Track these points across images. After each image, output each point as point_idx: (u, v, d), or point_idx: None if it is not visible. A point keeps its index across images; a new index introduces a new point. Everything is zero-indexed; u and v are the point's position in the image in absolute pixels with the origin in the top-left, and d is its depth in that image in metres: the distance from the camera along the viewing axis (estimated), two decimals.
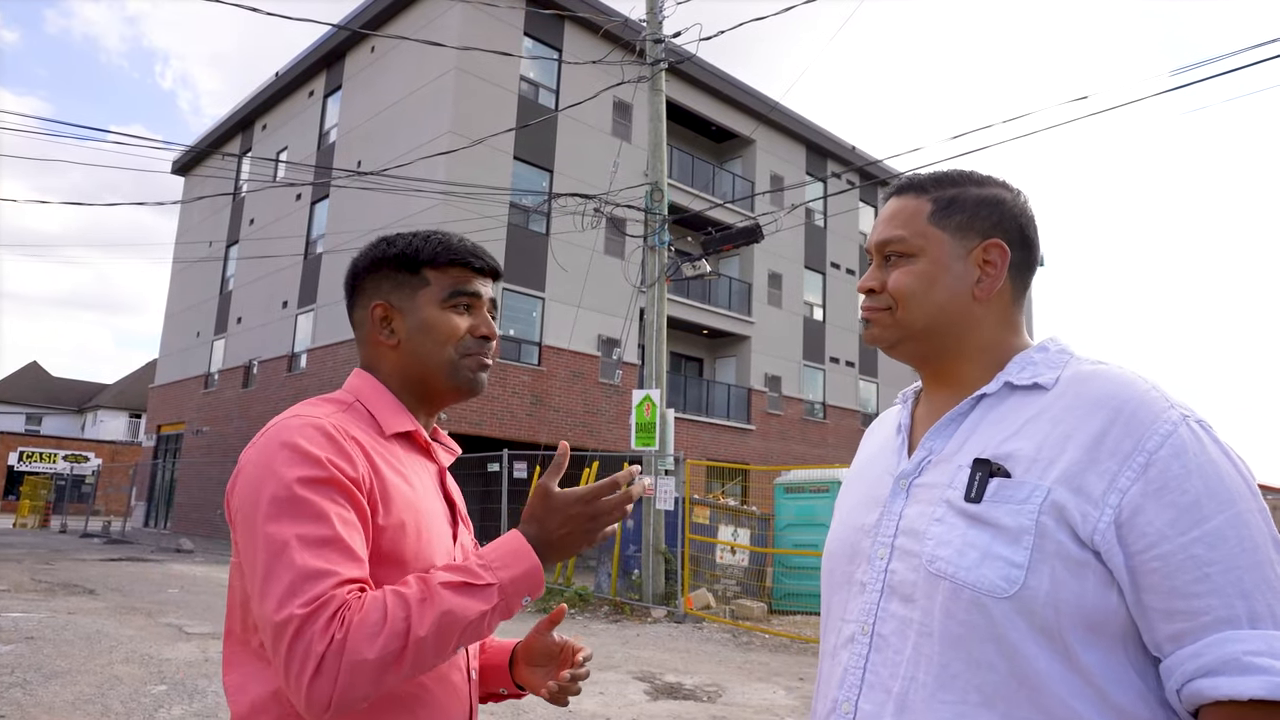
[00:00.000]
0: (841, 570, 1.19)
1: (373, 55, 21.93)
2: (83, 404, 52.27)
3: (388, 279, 1.34)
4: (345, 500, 1.13)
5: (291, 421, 1.18)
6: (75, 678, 6.09)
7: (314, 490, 1.11)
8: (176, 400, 28.68)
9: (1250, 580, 0.92)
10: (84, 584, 11.91)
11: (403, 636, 1.04)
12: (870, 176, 27.47)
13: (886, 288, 1.17)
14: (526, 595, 1.15)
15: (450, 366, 1.32)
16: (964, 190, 1.19)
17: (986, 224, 1.16)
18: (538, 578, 1.15)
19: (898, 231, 1.18)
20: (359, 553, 1.11)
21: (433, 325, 1.32)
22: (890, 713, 1.04)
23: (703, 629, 10.11)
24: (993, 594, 0.98)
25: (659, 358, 12.10)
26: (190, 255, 29.42)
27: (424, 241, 1.34)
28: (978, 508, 1.03)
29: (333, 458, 1.14)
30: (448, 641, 1.08)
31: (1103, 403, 1.01)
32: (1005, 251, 1.16)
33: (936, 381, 1.20)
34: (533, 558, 1.15)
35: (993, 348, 1.15)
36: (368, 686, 1.03)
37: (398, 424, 1.30)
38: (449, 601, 1.08)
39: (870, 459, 1.28)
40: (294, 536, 1.08)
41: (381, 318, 1.33)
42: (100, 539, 22.68)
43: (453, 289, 1.33)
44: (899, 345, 1.19)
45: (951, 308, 1.15)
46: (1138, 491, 0.95)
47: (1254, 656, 0.89)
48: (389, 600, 1.07)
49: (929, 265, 1.15)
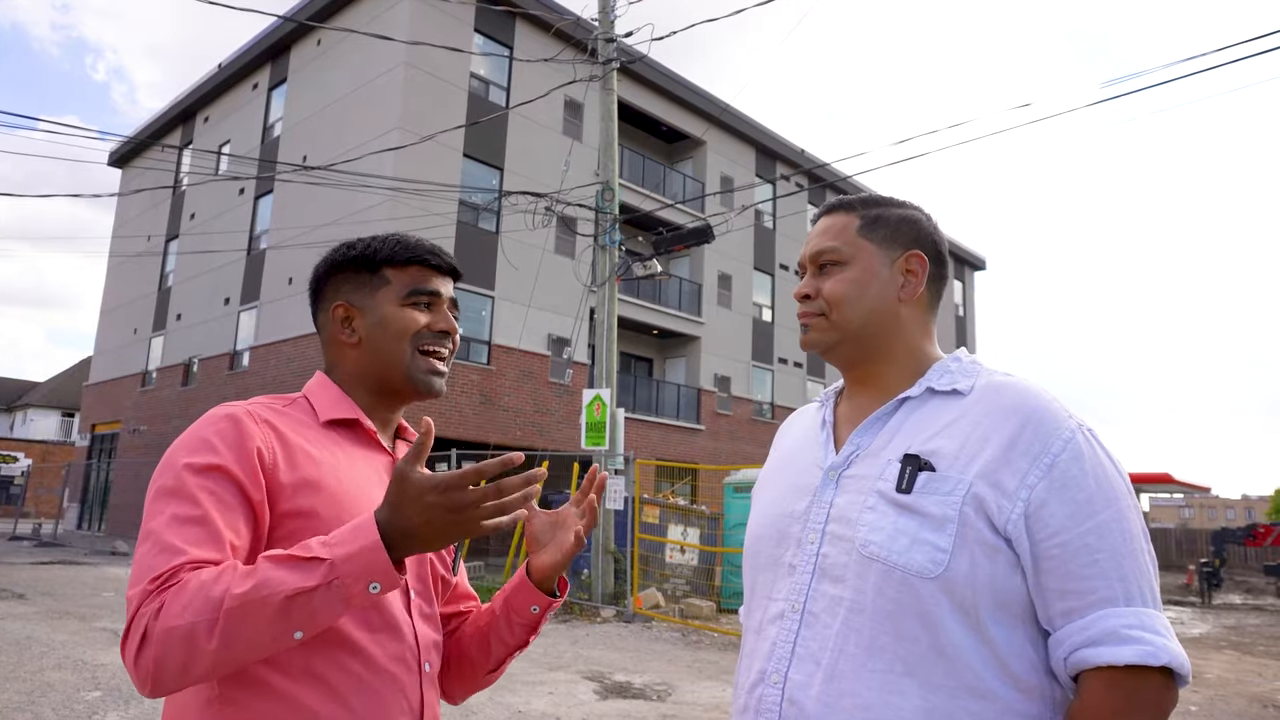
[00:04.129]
0: (768, 553, 1.29)
1: (319, 48, 21.53)
2: (11, 402, 50.49)
3: (348, 280, 1.37)
4: (229, 484, 1.13)
5: (210, 411, 1.22)
6: (3, 685, 5.88)
7: (196, 474, 1.12)
8: (112, 399, 27.85)
9: (1128, 566, 1.08)
10: (12, 588, 11.51)
11: (215, 606, 0.99)
12: (818, 179, 27.78)
13: (822, 293, 1.30)
14: (373, 581, 1.04)
15: (405, 365, 1.34)
16: (887, 209, 1.34)
17: (907, 238, 1.32)
18: (379, 559, 1.04)
19: (831, 243, 1.32)
20: (227, 535, 1.10)
21: (390, 321, 1.34)
22: (819, 681, 1.14)
23: (652, 628, 10.13)
24: (921, 575, 1.10)
25: (609, 357, 12.09)
26: (128, 250, 28.56)
27: (382, 242, 1.38)
28: (908, 498, 1.15)
29: (225, 443, 1.15)
30: (262, 616, 1.00)
31: (1016, 409, 1.16)
32: (924, 261, 1.31)
33: (862, 384, 1.32)
34: (373, 535, 1.04)
35: (913, 353, 1.29)
36: (181, 656, 0.99)
37: (334, 411, 1.31)
38: (265, 573, 1.02)
39: (792, 452, 1.39)
40: (164, 519, 1.09)
41: (343, 317, 1.36)
42: (30, 542, 21.93)
43: (412, 287, 1.36)
44: (835, 348, 1.31)
45: (880, 310, 1.28)
46: (1044, 488, 1.10)
47: (1129, 629, 1.05)
48: (209, 573, 1.03)
49: (860, 272, 1.29)
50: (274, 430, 1.21)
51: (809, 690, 1.14)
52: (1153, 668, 1.05)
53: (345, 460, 1.27)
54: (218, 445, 1.15)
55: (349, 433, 1.33)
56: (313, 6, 20.76)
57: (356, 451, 1.31)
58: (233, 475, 1.13)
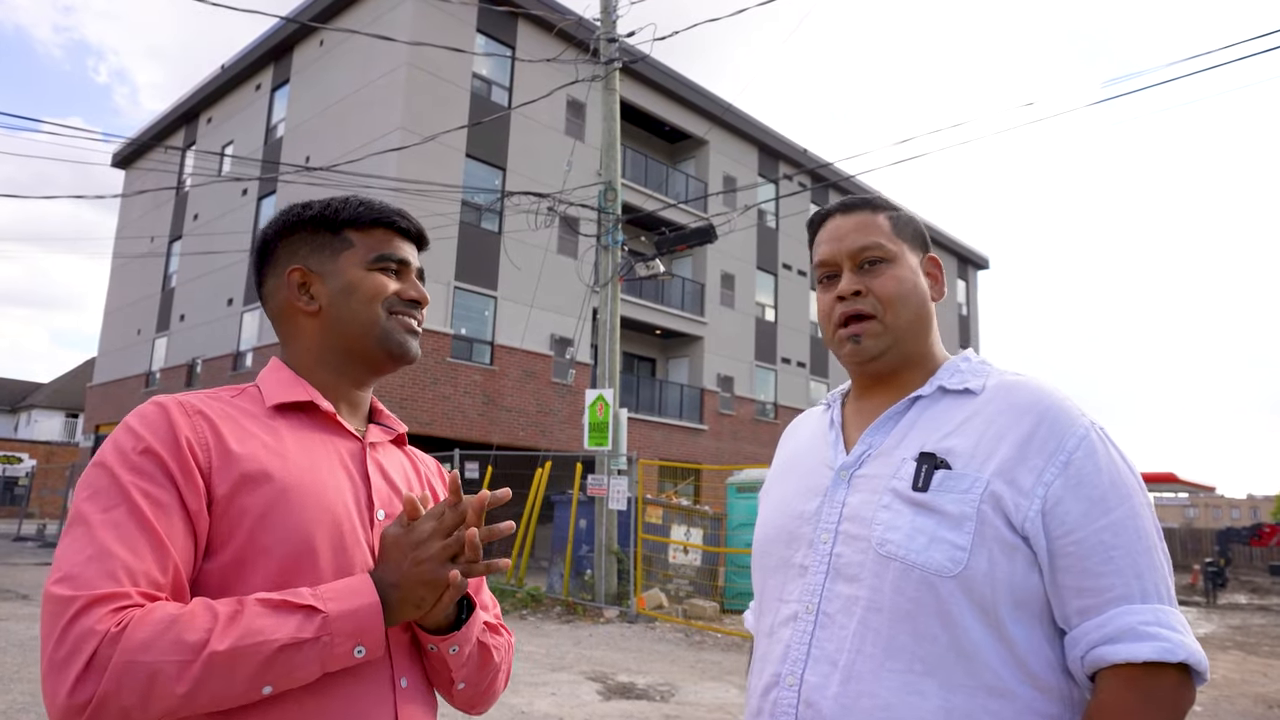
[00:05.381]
0: (778, 555, 1.27)
1: (322, 49, 21.55)
2: (16, 403, 50.57)
3: (305, 242, 1.25)
4: (163, 477, 1.02)
5: (140, 405, 1.12)
6: (8, 686, 5.89)
7: (125, 467, 1.03)
8: (116, 399, 27.89)
9: (1144, 563, 1.08)
10: (16, 589, 11.53)
11: (192, 649, 0.91)
12: (821, 179, 27.75)
13: (873, 290, 1.24)
14: (360, 644, 0.99)
15: (379, 327, 1.22)
16: (900, 212, 1.33)
17: (924, 240, 1.33)
18: (374, 622, 1.00)
19: (875, 238, 1.27)
20: (163, 538, 0.99)
21: (357, 285, 1.22)
22: (836, 682, 1.12)
23: (655, 629, 10.13)
24: (940, 573, 1.09)
25: (612, 357, 12.09)
26: (131, 251, 28.60)
27: (343, 203, 1.26)
28: (924, 496, 1.13)
29: (152, 432, 1.05)
30: (247, 667, 0.93)
31: (1030, 407, 1.15)
32: (941, 265, 1.33)
33: (879, 385, 1.29)
34: (371, 595, 1.00)
35: (928, 354, 1.29)
36: (135, 697, 0.89)
37: (281, 395, 1.18)
38: (255, 619, 0.95)
39: (799, 454, 1.36)
40: (99, 515, 0.99)
41: (300, 283, 1.23)
42: (34, 543, 21.95)
43: (379, 252, 1.24)
44: (887, 354, 1.25)
45: (922, 312, 1.27)
46: (1060, 485, 1.09)
47: (1146, 626, 1.04)
48: (176, 607, 0.95)
49: (908, 271, 1.27)
50: (206, 420, 1.09)
51: (826, 692, 1.12)
52: (1170, 665, 1.04)
53: (296, 447, 1.13)
54: (143, 434, 1.05)
55: (303, 417, 1.19)
56: (315, 7, 20.78)
57: (312, 436, 1.17)
58: (165, 465, 1.03)
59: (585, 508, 12.02)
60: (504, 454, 14.06)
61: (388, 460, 1.27)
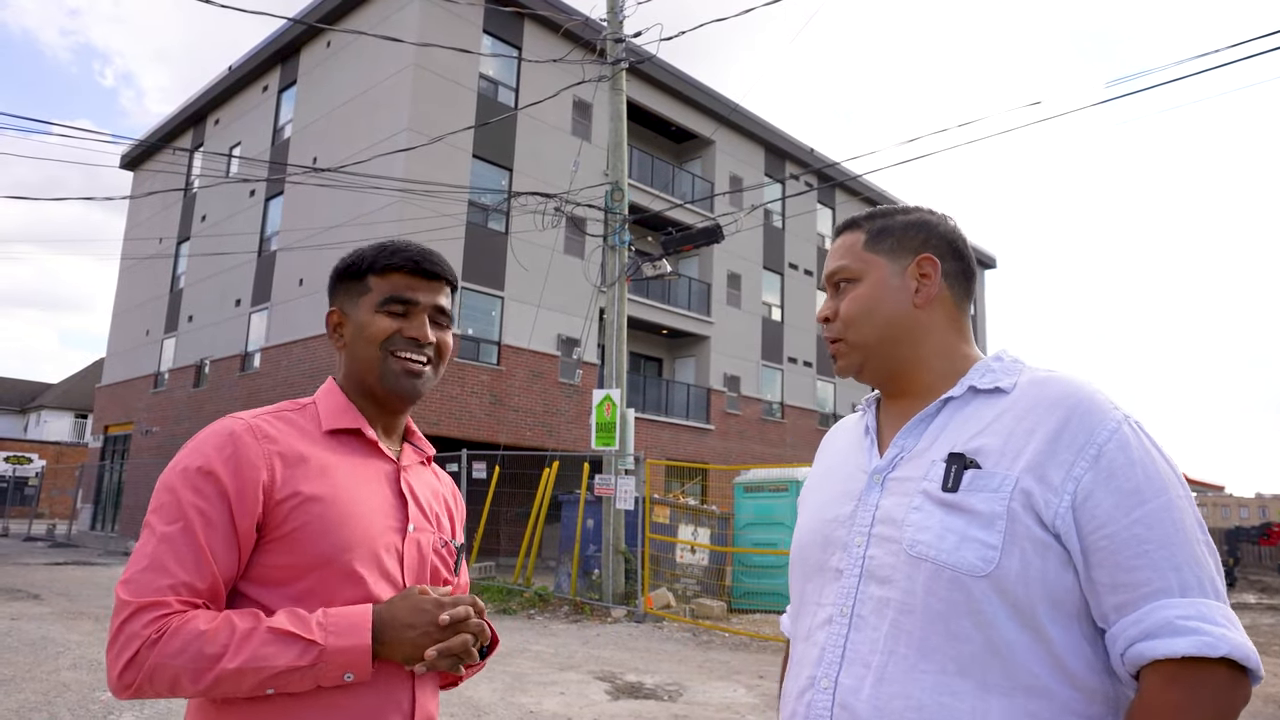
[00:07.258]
0: (815, 559, 1.28)
1: (329, 50, 21.61)
2: (25, 404, 50.79)
3: (343, 288, 1.42)
4: (219, 499, 1.20)
5: (215, 423, 1.29)
6: (20, 685, 5.92)
7: (187, 487, 1.20)
8: (125, 400, 28.00)
9: (1181, 555, 1.04)
10: (28, 589, 11.59)
11: (208, 661, 1.13)
12: (828, 179, 27.73)
13: (839, 313, 1.32)
14: (348, 672, 1.18)
15: (378, 367, 1.36)
16: (892, 219, 1.35)
17: (915, 243, 1.32)
18: (363, 658, 1.19)
19: (841, 261, 1.34)
20: (208, 560, 1.18)
21: (365, 327, 1.37)
22: (870, 684, 1.12)
23: (663, 628, 10.13)
24: (971, 573, 1.08)
25: (619, 357, 12.10)
26: (139, 252, 28.73)
27: (375, 250, 1.41)
28: (954, 496, 1.13)
29: (217, 457, 1.22)
30: (249, 681, 1.14)
31: (1060, 402, 1.13)
32: (935, 263, 1.30)
33: (899, 392, 1.31)
34: (365, 637, 1.19)
35: (947, 354, 1.28)
36: (162, 687, 1.14)
37: (335, 421, 1.35)
38: (262, 646, 1.15)
39: (837, 460, 1.38)
40: (161, 526, 1.19)
41: (335, 324, 1.42)
42: (44, 543, 22.07)
43: (389, 295, 1.38)
44: (864, 368, 1.32)
45: (897, 320, 1.28)
46: (1090, 479, 1.07)
47: (1185, 620, 1.01)
48: (205, 621, 1.15)
49: (870, 287, 1.30)
50: (272, 443, 1.27)
51: (859, 694, 1.13)
52: (1215, 661, 1.00)
53: (347, 470, 1.31)
54: (209, 455, 1.23)
55: (352, 441, 1.36)
56: (322, 9, 20.83)
57: (356, 460, 1.34)
58: (222, 486, 1.21)
59: (592, 507, 12.03)
60: (511, 454, 14.08)
61: (418, 480, 1.44)
